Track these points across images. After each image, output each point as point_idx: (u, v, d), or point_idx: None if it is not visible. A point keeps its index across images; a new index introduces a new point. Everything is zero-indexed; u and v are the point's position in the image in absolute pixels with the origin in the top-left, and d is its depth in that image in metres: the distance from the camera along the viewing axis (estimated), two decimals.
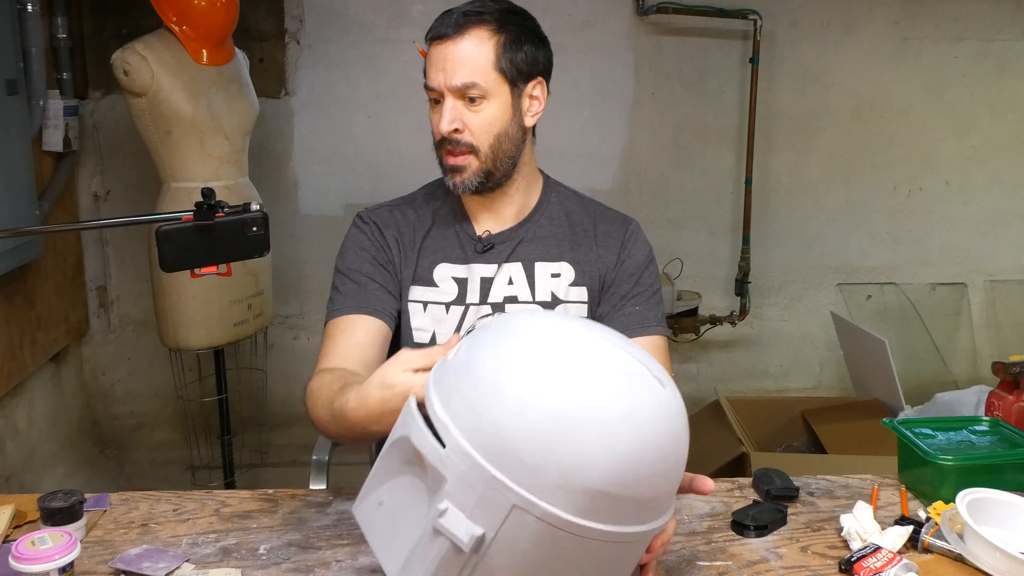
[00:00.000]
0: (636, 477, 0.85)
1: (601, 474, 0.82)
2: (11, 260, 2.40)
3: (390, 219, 1.48)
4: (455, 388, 0.88)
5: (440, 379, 0.92)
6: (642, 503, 0.87)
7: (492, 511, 0.83)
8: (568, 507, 0.83)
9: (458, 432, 0.85)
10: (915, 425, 1.42)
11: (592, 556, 0.88)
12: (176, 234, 1.28)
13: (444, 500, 0.85)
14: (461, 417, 0.86)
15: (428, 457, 0.87)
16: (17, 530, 1.24)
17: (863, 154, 3.30)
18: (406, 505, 0.92)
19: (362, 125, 3.14)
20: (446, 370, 0.92)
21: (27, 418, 2.68)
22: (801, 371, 3.47)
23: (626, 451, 0.83)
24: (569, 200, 1.52)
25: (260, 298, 2.69)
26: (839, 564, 1.14)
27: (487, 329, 0.95)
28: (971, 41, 3.24)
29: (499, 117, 1.36)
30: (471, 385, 0.87)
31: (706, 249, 3.33)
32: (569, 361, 0.88)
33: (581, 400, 0.84)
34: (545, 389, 0.84)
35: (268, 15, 3.03)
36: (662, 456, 0.87)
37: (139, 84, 2.37)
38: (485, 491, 0.83)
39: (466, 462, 0.84)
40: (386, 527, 0.94)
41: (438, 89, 1.34)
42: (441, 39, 1.34)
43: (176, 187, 2.49)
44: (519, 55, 1.37)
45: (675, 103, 3.21)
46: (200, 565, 1.15)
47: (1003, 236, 3.41)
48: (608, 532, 0.85)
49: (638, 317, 1.45)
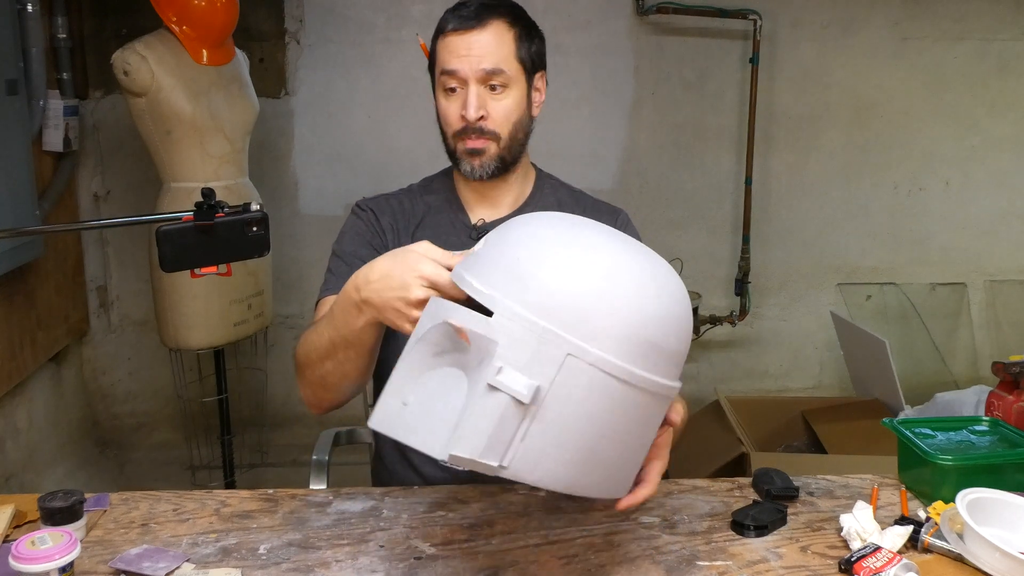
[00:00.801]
0: (669, 325, 0.96)
1: (643, 319, 0.93)
2: (11, 260, 2.40)
3: (386, 206, 1.53)
4: (495, 265, 0.96)
5: (471, 267, 0.98)
6: (671, 355, 0.97)
7: (546, 363, 0.90)
8: (616, 351, 0.91)
9: (506, 297, 0.91)
10: (915, 425, 1.42)
11: (634, 407, 0.95)
12: (176, 234, 1.28)
13: (497, 361, 0.89)
14: (506, 286, 0.92)
15: (476, 329, 0.92)
16: (17, 530, 1.24)
17: (863, 154, 3.30)
18: (440, 393, 0.95)
19: (362, 125, 3.14)
20: (476, 259, 0.99)
21: (27, 418, 2.68)
22: (801, 371, 3.47)
23: (664, 301, 0.96)
24: (560, 190, 1.56)
25: (260, 298, 2.69)
26: (839, 564, 1.14)
27: (509, 225, 1.03)
28: (971, 41, 3.24)
29: (517, 106, 1.41)
30: (512, 258, 0.95)
31: (706, 249, 3.33)
32: (598, 229, 1.01)
33: (620, 257, 0.96)
34: (588, 250, 0.95)
35: (268, 15, 3.03)
36: (686, 313, 0.99)
37: (139, 84, 2.37)
38: (539, 345, 0.89)
39: (518, 321, 0.90)
40: (418, 420, 0.95)
41: (463, 76, 1.37)
42: (463, 30, 1.37)
43: (176, 187, 2.49)
44: (532, 47, 1.43)
45: (675, 103, 3.21)
46: (200, 565, 1.15)
47: (1003, 236, 3.41)
48: (648, 379, 0.94)
49: None
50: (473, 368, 0.93)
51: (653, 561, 1.16)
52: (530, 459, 0.91)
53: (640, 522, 1.27)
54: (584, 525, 1.24)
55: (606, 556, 1.16)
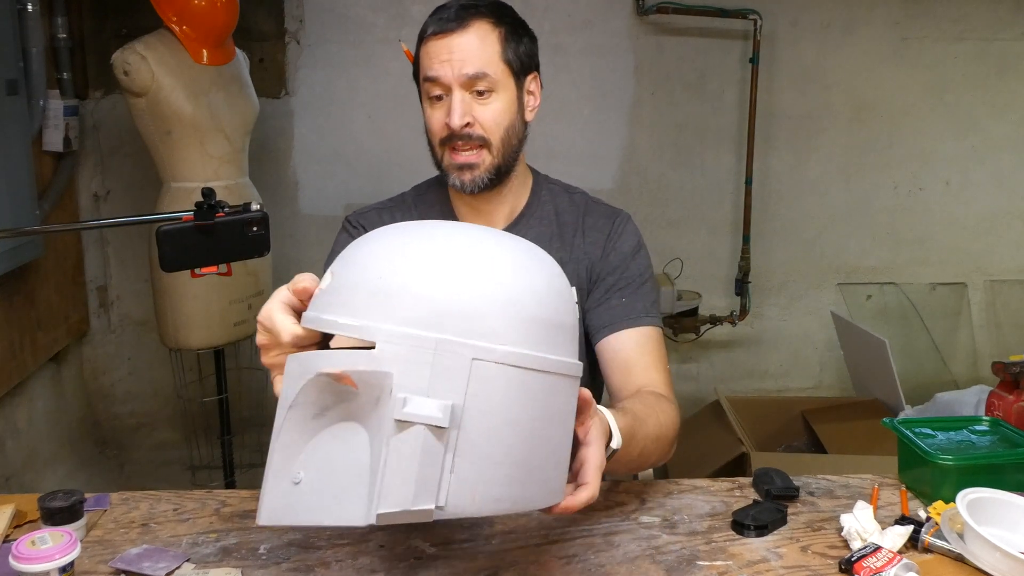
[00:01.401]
0: (559, 300, 0.91)
1: (536, 299, 0.88)
2: (11, 260, 2.40)
3: (378, 223, 1.46)
4: (354, 292, 0.86)
5: (325, 305, 0.88)
6: (567, 330, 0.92)
7: (452, 376, 0.82)
8: (521, 341, 0.85)
9: (383, 321, 0.82)
10: (915, 425, 1.42)
11: (552, 397, 0.89)
12: (176, 234, 1.29)
13: (398, 392, 0.80)
14: (378, 309, 0.83)
15: (360, 367, 0.82)
16: (17, 530, 1.24)
17: (863, 154, 3.30)
18: (337, 455, 0.85)
19: (362, 125, 3.14)
20: (327, 295, 0.89)
21: (27, 418, 2.68)
22: (801, 371, 3.47)
23: (545, 275, 0.91)
24: (559, 197, 1.50)
25: (260, 298, 2.69)
26: (839, 564, 1.14)
27: (350, 251, 0.93)
28: (971, 41, 3.24)
29: (507, 109, 1.34)
30: (374, 278, 0.85)
31: (706, 249, 3.33)
32: (442, 225, 0.95)
33: (485, 244, 0.90)
34: (451, 247, 0.88)
35: (268, 15, 3.03)
36: (566, 283, 0.95)
37: (139, 84, 2.37)
38: (437, 360, 0.81)
39: (405, 342, 0.81)
40: (319, 494, 0.84)
41: (445, 82, 1.31)
42: (443, 33, 1.31)
43: (176, 187, 2.49)
44: (521, 47, 1.36)
45: (675, 103, 3.21)
46: (200, 565, 1.15)
47: (1003, 236, 3.41)
48: (558, 362, 0.89)
49: (624, 309, 1.41)
50: (369, 411, 0.84)
51: (653, 561, 1.16)
52: (466, 489, 0.82)
53: (640, 522, 1.27)
54: (584, 525, 1.24)
55: (606, 556, 1.16)
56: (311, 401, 0.86)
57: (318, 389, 0.86)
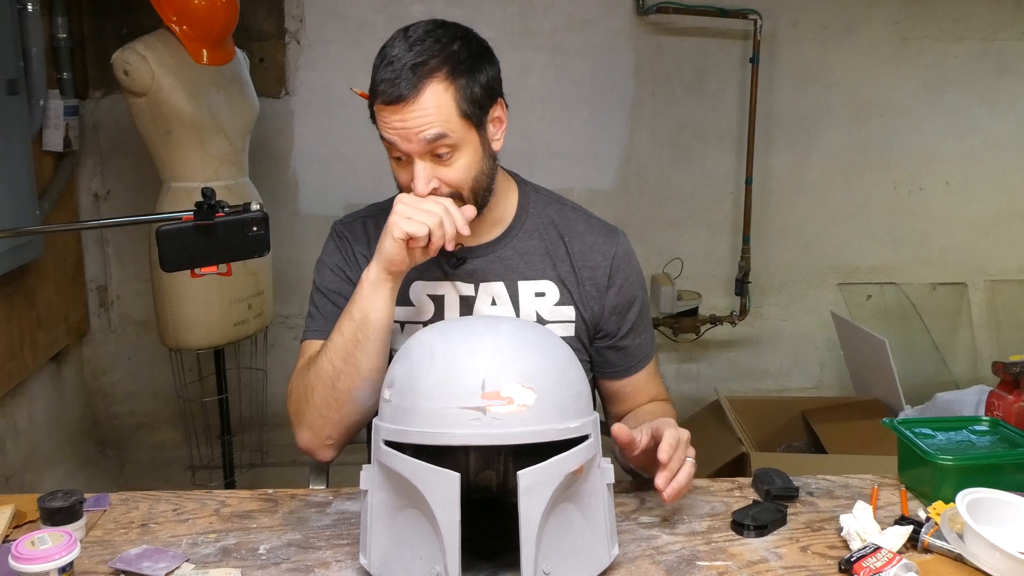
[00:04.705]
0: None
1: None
2: (11, 260, 2.40)
3: (362, 234, 1.47)
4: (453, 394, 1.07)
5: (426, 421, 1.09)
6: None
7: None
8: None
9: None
10: (915, 425, 1.42)
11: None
12: (176, 234, 1.28)
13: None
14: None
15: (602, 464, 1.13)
16: (17, 530, 1.24)
17: (863, 154, 3.30)
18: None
19: (362, 125, 3.10)
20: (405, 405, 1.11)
21: (27, 418, 2.68)
22: (801, 371, 3.47)
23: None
24: (550, 208, 1.46)
25: (260, 298, 2.69)
26: (839, 564, 1.14)
27: (409, 363, 1.12)
28: (971, 41, 3.24)
29: (473, 161, 1.29)
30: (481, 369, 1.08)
31: (706, 249, 3.33)
32: (481, 322, 1.22)
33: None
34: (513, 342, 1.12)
35: (268, 15, 3.03)
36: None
37: (139, 84, 2.37)
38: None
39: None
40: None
41: (404, 151, 1.28)
42: (395, 103, 1.25)
43: (176, 187, 2.49)
44: (477, 89, 1.28)
45: (675, 103, 3.21)
46: (200, 565, 1.15)
47: (1003, 236, 3.41)
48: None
49: (636, 351, 1.48)
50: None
51: (653, 561, 1.16)
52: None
53: (640, 522, 1.27)
54: None
55: None
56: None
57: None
